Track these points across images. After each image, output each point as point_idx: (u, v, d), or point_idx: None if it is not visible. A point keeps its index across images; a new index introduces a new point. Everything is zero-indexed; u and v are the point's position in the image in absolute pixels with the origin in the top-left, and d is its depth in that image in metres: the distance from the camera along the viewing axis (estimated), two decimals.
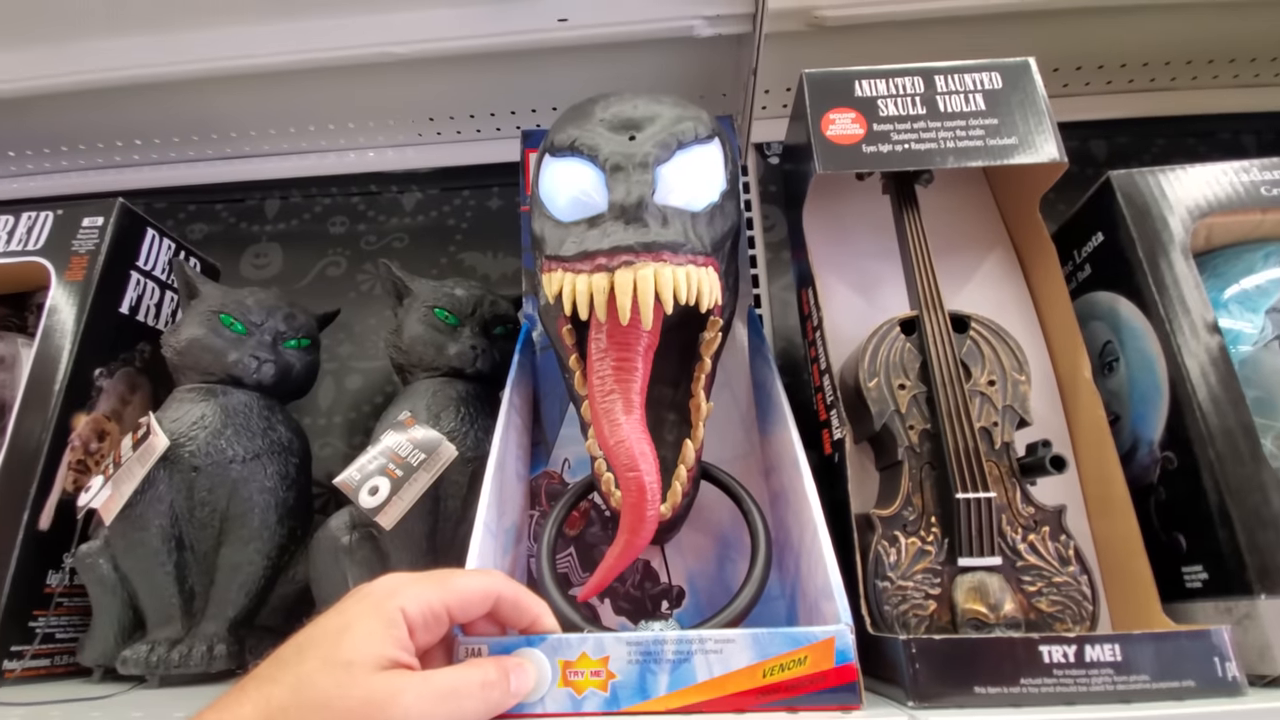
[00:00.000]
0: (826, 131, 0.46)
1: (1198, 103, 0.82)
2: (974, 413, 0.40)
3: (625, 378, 0.43)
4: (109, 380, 0.61)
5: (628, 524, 0.41)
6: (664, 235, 0.41)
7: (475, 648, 0.33)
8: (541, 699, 0.32)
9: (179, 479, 0.52)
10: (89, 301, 0.59)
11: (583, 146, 0.45)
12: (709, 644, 0.32)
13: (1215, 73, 0.80)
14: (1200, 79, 0.81)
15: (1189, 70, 0.80)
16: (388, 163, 0.85)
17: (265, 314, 0.58)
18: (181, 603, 0.52)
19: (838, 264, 0.50)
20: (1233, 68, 0.80)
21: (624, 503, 0.41)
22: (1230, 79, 0.81)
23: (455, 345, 0.56)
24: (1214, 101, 0.82)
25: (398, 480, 0.48)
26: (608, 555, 0.42)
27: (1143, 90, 0.82)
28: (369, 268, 0.81)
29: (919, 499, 0.39)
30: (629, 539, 0.41)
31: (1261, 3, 0.71)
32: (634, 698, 0.32)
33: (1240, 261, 0.43)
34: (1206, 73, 0.80)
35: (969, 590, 0.37)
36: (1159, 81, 0.81)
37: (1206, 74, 0.80)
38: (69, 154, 0.83)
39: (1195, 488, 0.38)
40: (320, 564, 0.51)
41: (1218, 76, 0.81)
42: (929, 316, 0.42)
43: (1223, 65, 0.79)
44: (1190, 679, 0.31)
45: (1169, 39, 0.76)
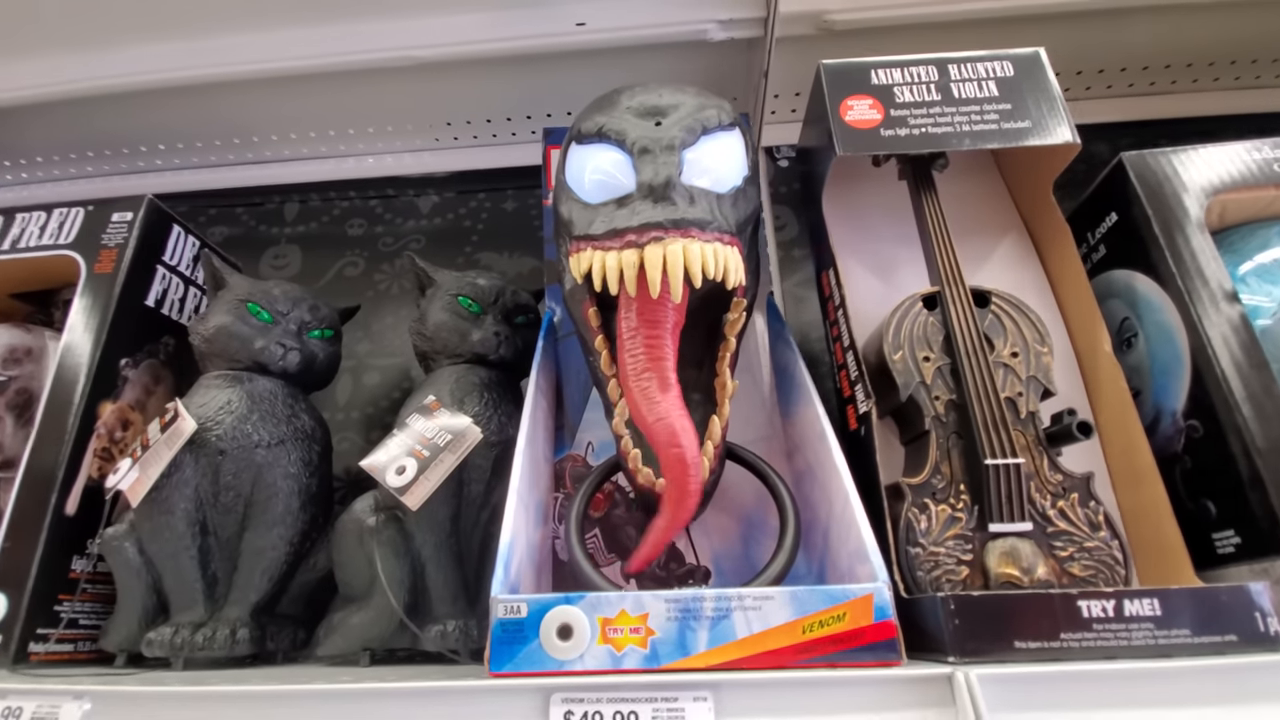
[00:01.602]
0: (845, 117, 0.47)
1: (1200, 105, 0.84)
2: (999, 383, 0.41)
3: (658, 354, 0.43)
4: (134, 371, 0.61)
5: (672, 498, 0.41)
6: (691, 213, 0.42)
7: (514, 605, 0.33)
8: (581, 656, 0.32)
9: (205, 463, 0.52)
10: (116, 293, 0.60)
11: (610, 132, 0.46)
12: (748, 601, 0.33)
13: (1216, 75, 0.82)
14: (1201, 81, 0.83)
15: (1190, 73, 0.82)
16: (405, 167, 0.87)
17: (291, 304, 0.59)
18: (205, 587, 0.52)
19: (856, 248, 0.51)
20: (1234, 69, 0.82)
21: (667, 478, 0.41)
22: (1232, 81, 0.83)
23: (479, 332, 0.56)
24: (1216, 104, 0.84)
25: (424, 461, 0.48)
26: (652, 529, 0.42)
27: (1145, 94, 0.84)
28: (386, 268, 0.82)
29: (947, 467, 0.40)
30: (674, 512, 0.41)
31: (1260, 4, 0.73)
32: (674, 654, 0.32)
33: (1255, 238, 0.44)
34: (1207, 75, 0.82)
35: (1001, 555, 0.37)
36: (1159, 84, 0.83)
37: (1207, 76, 0.82)
38: (95, 159, 0.85)
39: (1223, 453, 0.38)
40: (345, 547, 0.51)
41: (1219, 79, 0.83)
42: (951, 291, 0.43)
43: (1224, 67, 0.81)
44: (1231, 633, 0.31)
45: (1170, 42, 0.78)
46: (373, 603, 0.50)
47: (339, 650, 0.50)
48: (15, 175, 0.86)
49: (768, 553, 0.48)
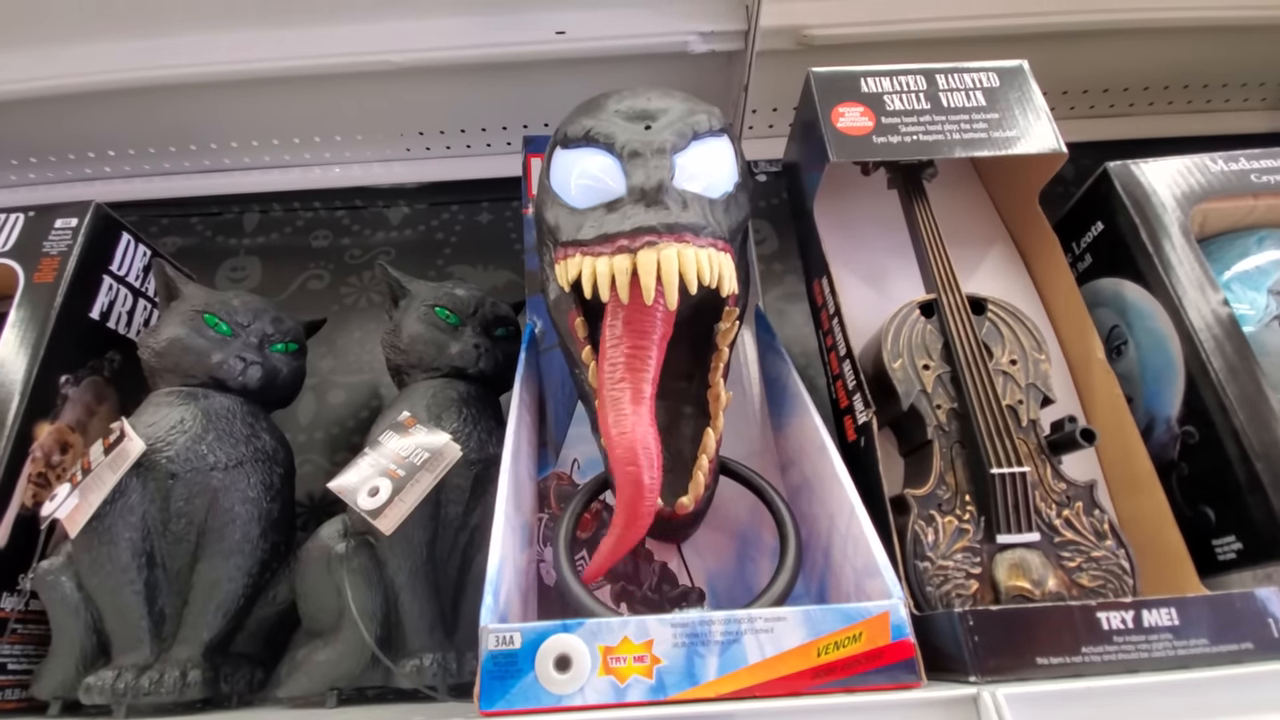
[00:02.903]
0: (837, 124, 0.47)
1: (1155, 127, 0.87)
2: (999, 391, 0.40)
3: (638, 366, 0.41)
4: (75, 389, 0.56)
5: (622, 517, 0.38)
6: (685, 217, 0.40)
7: (507, 636, 0.30)
8: (581, 689, 0.30)
9: (154, 487, 0.48)
10: (58, 304, 0.55)
11: (599, 135, 0.44)
12: (759, 623, 0.31)
13: (1171, 99, 0.86)
14: (1157, 105, 0.86)
15: (1147, 96, 0.85)
16: (374, 177, 0.84)
17: (252, 316, 0.55)
18: (151, 625, 0.47)
19: (847, 257, 0.51)
20: (1187, 93, 0.85)
21: (618, 498, 0.38)
22: (1185, 104, 0.87)
23: (457, 344, 0.54)
24: (1169, 126, 0.87)
25: (399, 481, 0.45)
26: (602, 544, 0.40)
27: (1106, 116, 0.87)
28: (354, 281, 0.79)
29: (951, 478, 0.39)
30: (622, 531, 0.39)
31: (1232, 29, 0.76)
32: (682, 684, 0.30)
33: (1235, 246, 0.45)
34: (1163, 99, 0.86)
35: (1011, 567, 0.36)
36: (1118, 107, 0.86)
37: (1162, 100, 0.86)
38: (38, 165, 0.79)
39: (1220, 458, 0.38)
40: (310, 575, 0.47)
41: (1173, 103, 0.86)
42: (947, 298, 0.43)
43: (1177, 91, 0.85)
44: (1248, 641, 0.30)
45: (1133, 65, 0.81)
46: (341, 637, 0.46)
47: (303, 690, 0.46)
48: None
49: (763, 572, 0.47)
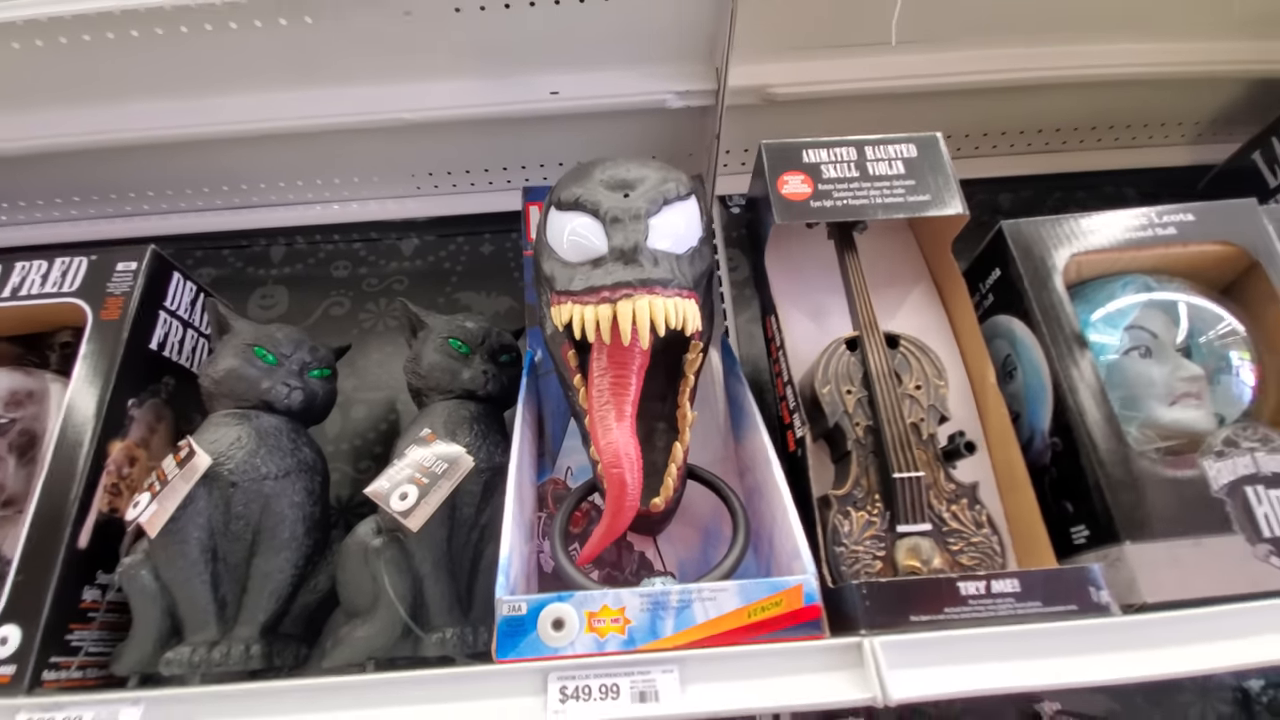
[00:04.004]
0: (782, 190, 0.57)
1: (1086, 162, 0.98)
2: (905, 411, 0.50)
3: (620, 391, 0.52)
4: (139, 410, 0.66)
5: (610, 510, 0.49)
6: (655, 273, 0.50)
7: (516, 604, 0.40)
8: (571, 643, 0.40)
9: (217, 495, 0.58)
10: (124, 338, 0.65)
11: (586, 202, 0.54)
12: (705, 593, 0.41)
13: (1099, 137, 0.96)
14: (1087, 142, 0.97)
15: (1078, 135, 0.96)
16: (388, 212, 0.93)
17: (293, 346, 0.65)
18: (217, 609, 0.57)
19: (795, 296, 0.61)
20: (1113, 132, 0.96)
21: (607, 496, 0.49)
22: (1112, 141, 0.97)
23: (468, 371, 0.63)
24: (1099, 160, 0.98)
25: (424, 487, 0.55)
26: (595, 532, 0.50)
27: (1040, 152, 0.97)
28: (371, 307, 0.88)
29: (865, 481, 0.49)
30: (610, 521, 0.49)
31: (1134, 81, 0.87)
32: (647, 638, 0.40)
33: (1103, 290, 0.55)
34: (1091, 137, 0.96)
35: (907, 550, 0.46)
36: (1053, 145, 0.97)
37: (1092, 138, 0.96)
38: (96, 203, 0.89)
39: (1076, 464, 0.48)
40: (349, 566, 0.57)
41: (1101, 140, 0.97)
42: (868, 336, 0.53)
43: (1104, 131, 0.95)
44: (1073, 604, 0.41)
45: (1060, 110, 0.91)
46: (377, 616, 0.55)
47: (345, 661, 0.55)
48: (12, 216, 0.90)
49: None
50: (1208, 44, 0.84)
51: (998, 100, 0.86)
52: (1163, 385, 0.52)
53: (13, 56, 0.70)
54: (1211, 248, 0.55)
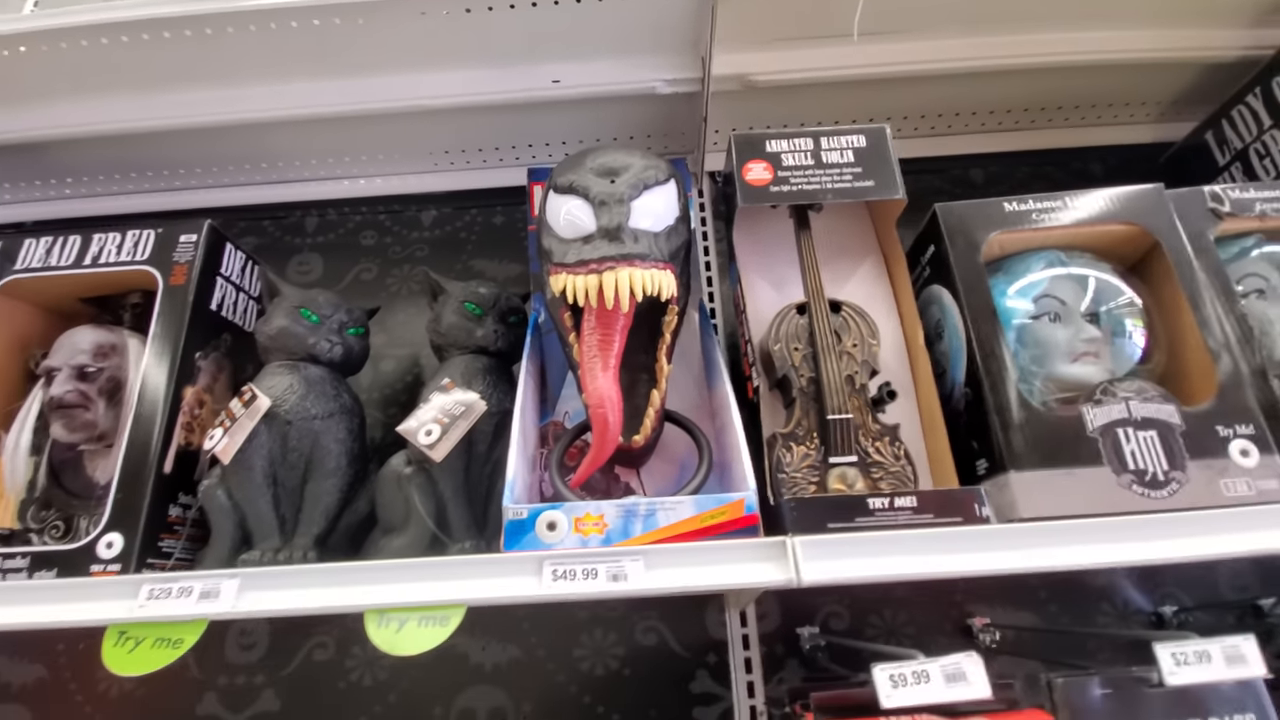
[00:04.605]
0: (746, 177, 0.66)
1: (1054, 139, 1.05)
2: (842, 365, 0.60)
3: (606, 347, 0.62)
4: (204, 362, 0.78)
5: (595, 443, 0.60)
6: (635, 249, 0.60)
7: (519, 510, 0.52)
8: (562, 540, 0.51)
9: (275, 431, 0.70)
10: (190, 300, 0.76)
11: (578, 187, 0.64)
12: (667, 504, 0.52)
13: (1066, 116, 1.03)
14: (1055, 121, 1.04)
15: (1045, 114, 1.02)
16: (409, 186, 1.03)
17: (332, 308, 0.76)
18: (278, 524, 0.70)
19: (759, 268, 0.70)
20: (1079, 112, 1.02)
21: (593, 428, 0.60)
22: (1079, 120, 1.04)
23: (481, 330, 0.74)
24: (1067, 138, 1.05)
25: (445, 426, 0.66)
26: (584, 461, 0.61)
27: (1010, 130, 1.04)
28: (396, 273, 0.99)
29: (806, 422, 0.59)
30: (595, 452, 0.60)
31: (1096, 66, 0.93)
32: (621, 538, 0.51)
33: (1022, 263, 0.64)
34: (1059, 116, 1.03)
35: (836, 477, 0.57)
36: (1022, 123, 1.03)
37: (1059, 117, 1.03)
38: (152, 178, 1.00)
39: (981, 410, 0.58)
40: (385, 490, 0.69)
41: (1068, 119, 1.03)
42: (815, 303, 0.63)
43: (1070, 110, 1.02)
44: (959, 516, 0.51)
45: (1029, 92, 0.98)
46: (408, 531, 0.68)
47: None
48: (90, 189, 1.01)
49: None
50: (1164, 31, 0.90)
51: (966, 84, 0.94)
52: (1066, 345, 0.62)
53: (83, 53, 0.80)
54: (1119, 228, 0.64)
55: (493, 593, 0.48)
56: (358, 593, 0.48)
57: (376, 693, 0.78)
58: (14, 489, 0.75)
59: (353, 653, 0.80)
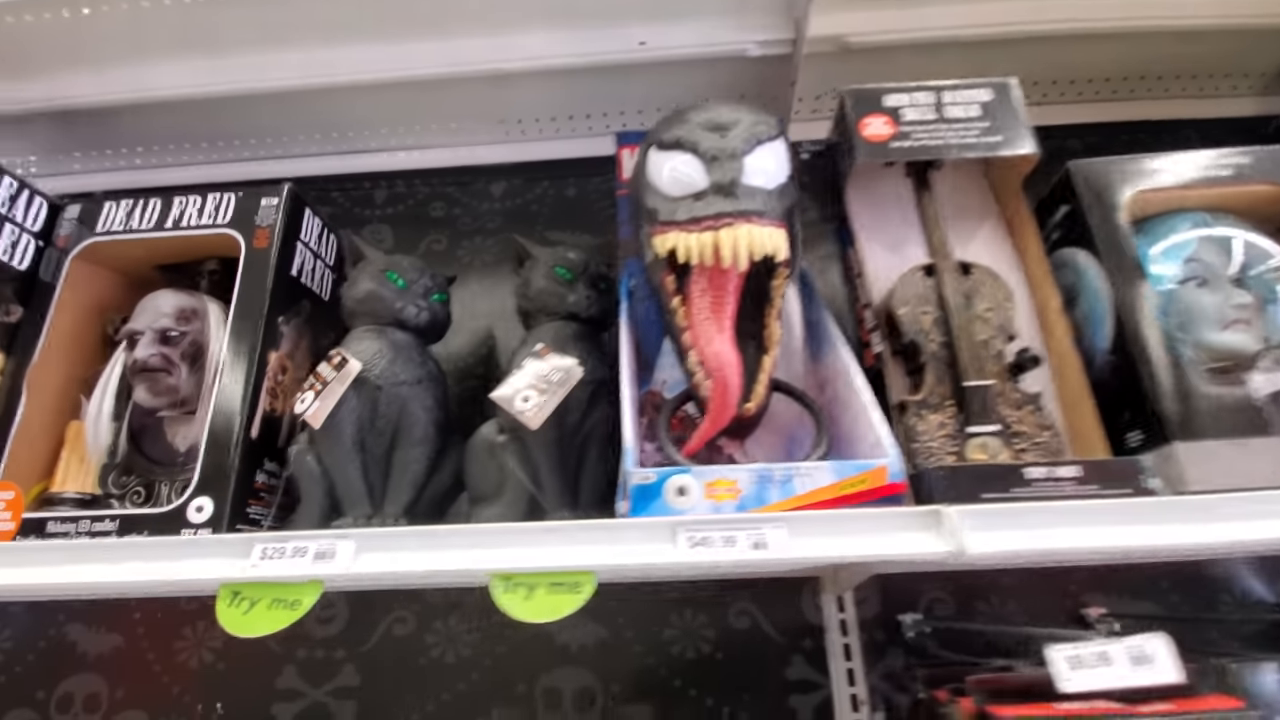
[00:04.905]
0: (864, 132, 0.62)
1: (1155, 110, 0.99)
2: (976, 329, 0.56)
3: (719, 309, 0.59)
4: (287, 328, 0.76)
5: (714, 408, 0.56)
6: (751, 205, 0.57)
7: (646, 475, 0.49)
8: (693, 508, 0.48)
9: (365, 396, 0.67)
10: (273, 264, 0.74)
11: (686, 142, 0.61)
12: (803, 470, 0.49)
13: (1167, 86, 0.98)
14: (1155, 91, 0.98)
15: (1145, 84, 0.97)
16: (477, 157, 1.01)
17: (418, 273, 0.74)
18: (367, 491, 0.67)
19: (873, 230, 0.67)
20: (1180, 82, 0.97)
21: (712, 393, 0.56)
22: (1180, 91, 0.99)
23: (573, 295, 0.71)
24: (1168, 110, 0.99)
25: (543, 391, 0.64)
26: (700, 428, 0.58)
27: (1110, 100, 0.99)
28: (467, 244, 0.97)
29: (940, 388, 0.55)
30: (714, 418, 0.57)
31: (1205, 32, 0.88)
32: (755, 505, 0.48)
33: (1164, 225, 0.60)
34: (1159, 86, 0.97)
35: (976, 447, 0.53)
36: (1121, 93, 0.98)
37: (1159, 87, 0.98)
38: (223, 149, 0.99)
39: (1134, 378, 0.54)
40: (477, 458, 0.67)
41: (1169, 89, 0.98)
42: (942, 263, 0.59)
43: (1171, 80, 0.97)
44: (1128, 487, 0.47)
45: (1131, 59, 0.93)
46: (503, 498, 0.65)
47: None
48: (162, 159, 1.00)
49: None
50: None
51: (1068, 48, 0.89)
52: (1215, 312, 0.57)
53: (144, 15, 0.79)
54: (1266, 188, 0.59)
55: (625, 559, 0.45)
56: (482, 556, 0.45)
57: (459, 670, 0.76)
58: (96, 454, 0.74)
59: (434, 628, 0.78)
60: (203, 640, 0.80)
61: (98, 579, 0.47)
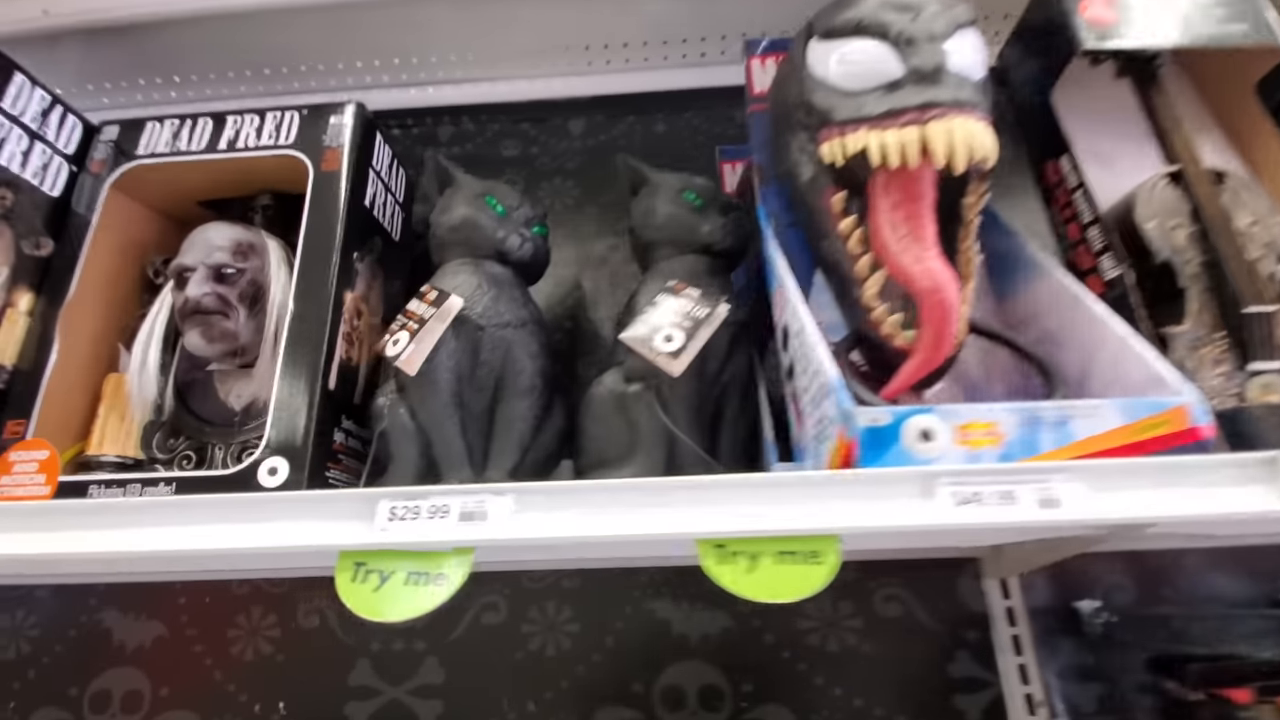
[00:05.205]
0: (1085, 14, 0.51)
1: None
2: (1242, 247, 0.46)
3: (918, 223, 0.48)
4: (361, 265, 0.65)
5: (929, 340, 0.45)
6: (965, 94, 0.46)
7: (877, 415, 0.38)
8: (942, 456, 0.37)
9: (465, 338, 0.57)
10: (345, 189, 0.63)
11: (869, 25, 0.50)
12: (1082, 409, 0.38)
13: None
14: None
15: None
16: (554, 90, 0.89)
17: (517, 200, 0.63)
18: (468, 452, 0.57)
19: (1087, 137, 0.56)
20: None
21: (926, 325, 0.45)
22: None
23: (707, 224, 0.60)
24: None
25: (690, 329, 0.53)
26: (905, 368, 0.47)
27: None
28: (546, 186, 0.85)
29: (1206, 318, 0.45)
30: (928, 353, 0.46)
31: None
32: (1023, 453, 0.37)
33: None
34: None
35: (1261, 388, 0.42)
36: None
37: None
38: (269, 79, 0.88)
39: None
40: (600, 414, 0.56)
41: None
42: (1191, 168, 0.48)
43: None
44: None
45: None
46: (635, 461, 0.54)
47: None
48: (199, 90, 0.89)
49: None
50: None
51: None
52: None
53: None
54: None
55: (873, 520, 0.34)
56: (684, 517, 0.35)
57: (560, 665, 0.65)
58: (140, 411, 0.63)
59: (530, 616, 0.67)
60: (258, 629, 0.69)
61: (176, 545, 0.36)
